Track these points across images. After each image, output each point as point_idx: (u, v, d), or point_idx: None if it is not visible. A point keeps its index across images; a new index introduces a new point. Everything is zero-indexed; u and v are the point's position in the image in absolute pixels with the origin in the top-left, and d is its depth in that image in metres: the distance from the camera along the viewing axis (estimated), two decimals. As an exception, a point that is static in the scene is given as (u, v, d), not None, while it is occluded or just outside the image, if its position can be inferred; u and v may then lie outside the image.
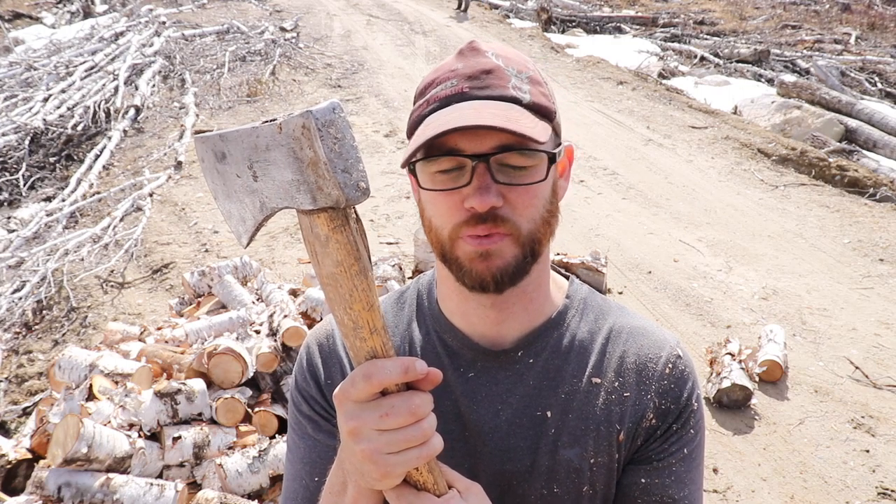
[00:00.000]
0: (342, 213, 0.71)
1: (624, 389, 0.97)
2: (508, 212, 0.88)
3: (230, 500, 2.55)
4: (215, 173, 0.77)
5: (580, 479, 0.95)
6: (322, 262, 0.73)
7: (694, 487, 0.99)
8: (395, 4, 18.10)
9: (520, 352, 0.98)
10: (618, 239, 5.80)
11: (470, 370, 0.99)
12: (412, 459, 0.76)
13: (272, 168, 0.70)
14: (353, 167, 0.68)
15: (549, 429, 0.96)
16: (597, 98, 10.19)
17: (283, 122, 0.68)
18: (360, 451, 0.76)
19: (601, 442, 0.96)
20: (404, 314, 1.07)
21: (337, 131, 0.67)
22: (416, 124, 0.93)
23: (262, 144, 0.70)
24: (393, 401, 0.75)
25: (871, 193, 6.87)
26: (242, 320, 3.36)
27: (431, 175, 0.91)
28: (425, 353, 1.01)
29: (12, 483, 2.80)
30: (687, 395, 0.99)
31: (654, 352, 1.00)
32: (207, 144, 0.76)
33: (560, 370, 0.98)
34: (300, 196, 0.70)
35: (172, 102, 9.81)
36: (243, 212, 0.76)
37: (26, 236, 6.04)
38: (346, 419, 0.77)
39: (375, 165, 7.51)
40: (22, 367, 4.35)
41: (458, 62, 0.93)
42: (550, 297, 1.02)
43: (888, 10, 18.47)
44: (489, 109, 0.86)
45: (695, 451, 0.99)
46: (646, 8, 19.51)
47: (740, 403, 3.79)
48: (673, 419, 0.97)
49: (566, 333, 1.00)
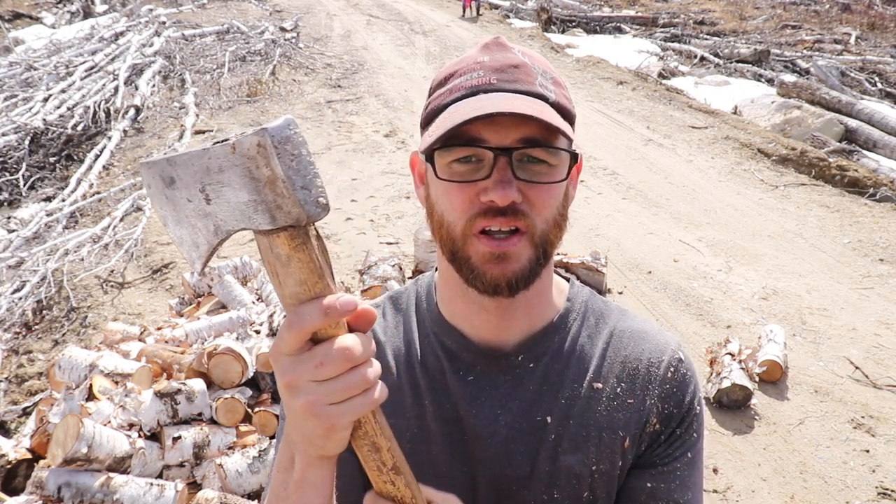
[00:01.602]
0: (303, 231, 0.69)
1: (627, 395, 0.96)
2: (527, 208, 0.86)
3: (230, 500, 2.55)
4: (164, 199, 0.74)
5: (581, 485, 0.94)
6: (284, 282, 0.71)
7: (696, 490, 0.99)
8: (395, 4, 18.11)
9: (520, 356, 0.97)
10: (618, 239, 5.80)
11: (469, 374, 0.97)
12: (356, 408, 0.71)
13: (226, 190, 0.68)
14: (311, 183, 0.67)
15: (549, 434, 0.95)
16: (597, 98, 10.19)
17: (235, 141, 0.66)
18: (300, 406, 0.71)
19: (603, 449, 0.94)
20: (402, 316, 1.05)
21: (293, 147, 0.66)
22: (436, 112, 0.91)
23: (214, 166, 0.68)
24: (325, 348, 0.70)
25: (871, 193, 6.87)
26: (242, 320, 3.36)
27: (447, 165, 0.88)
28: (425, 357, 1.00)
29: (12, 483, 2.80)
30: (689, 398, 0.98)
31: (655, 356, 0.99)
32: (154, 170, 0.73)
33: (561, 375, 0.97)
34: (258, 216, 0.68)
35: (172, 102, 9.81)
36: (196, 237, 0.73)
37: (26, 236, 6.04)
38: (281, 375, 0.72)
39: (376, 165, 7.51)
40: (22, 367, 4.35)
41: (484, 55, 0.92)
42: (552, 300, 1.01)
43: (888, 10, 18.48)
44: (521, 101, 0.85)
45: (697, 455, 0.99)
46: (646, 8, 19.51)
47: (740, 403, 3.79)
48: (676, 424, 0.97)
49: (567, 338, 0.99)
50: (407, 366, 1.00)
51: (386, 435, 0.78)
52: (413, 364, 1.00)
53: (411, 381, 0.99)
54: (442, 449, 0.96)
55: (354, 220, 6.16)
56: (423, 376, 0.98)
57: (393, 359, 1.01)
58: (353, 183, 7.05)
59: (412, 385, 0.99)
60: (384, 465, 0.78)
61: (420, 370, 0.99)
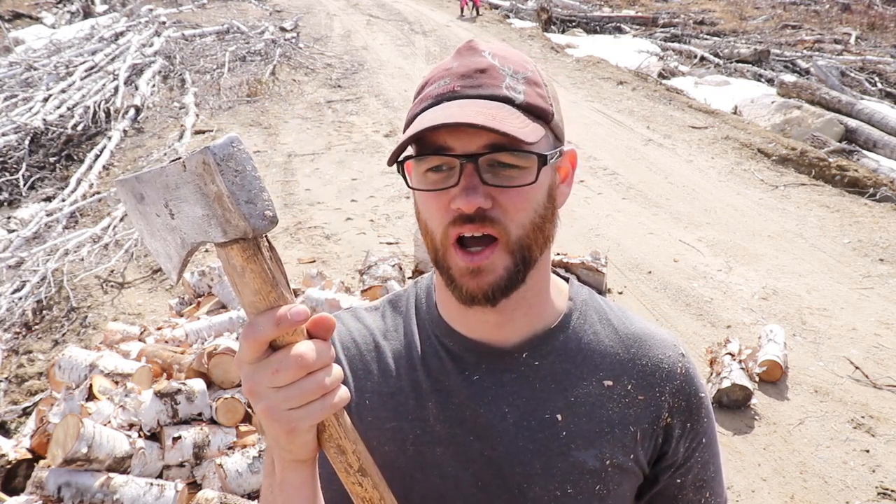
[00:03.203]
0: (253, 244, 0.73)
1: (638, 392, 0.98)
2: (499, 214, 0.86)
3: (230, 500, 2.55)
4: (138, 214, 0.78)
5: (594, 479, 0.95)
6: (242, 292, 0.74)
7: (717, 462, 1.07)
8: (395, 4, 18.12)
9: (524, 353, 0.97)
10: (618, 239, 5.80)
11: (475, 373, 0.97)
12: (315, 412, 0.75)
13: (184, 205, 0.72)
14: (256, 197, 0.70)
15: (559, 431, 0.95)
16: (597, 98, 10.19)
17: (185, 160, 0.70)
18: (261, 412, 0.75)
19: (616, 444, 0.96)
20: (402, 318, 1.05)
21: (237, 164, 0.69)
22: (409, 122, 0.92)
23: (171, 183, 0.72)
24: (281, 355, 0.73)
25: (871, 193, 6.87)
26: (242, 320, 3.36)
27: (422, 175, 0.90)
28: (427, 358, 0.99)
29: (12, 483, 2.80)
30: (696, 390, 1.02)
31: (663, 353, 1.01)
32: (127, 187, 0.77)
33: (568, 373, 0.97)
34: (212, 230, 0.72)
35: (172, 102, 9.81)
36: (168, 249, 0.78)
37: (26, 236, 6.04)
38: (244, 382, 0.76)
39: (376, 165, 7.51)
40: (22, 367, 4.35)
41: (455, 61, 0.92)
42: (552, 301, 1.01)
43: (888, 10, 18.48)
44: (475, 108, 0.85)
45: (711, 434, 1.04)
46: (646, 8, 19.51)
47: (740, 403, 3.79)
48: (687, 416, 1.01)
49: (572, 337, 0.99)
50: (408, 368, 0.99)
51: (351, 438, 0.81)
52: (415, 366, 0.99)
53: (413, 383, 0.98)
54: (447, 450, 0.95)
55: (354, 220, 6.16)
56: (425, 378, 0.98)
57: (393, 361, 1.00)
58: (353, 183, 7.06)
59: (414, 387, 0.98)
60: (350, 466, 0.81)
61: (422, 372, 0.98)
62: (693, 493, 1.04)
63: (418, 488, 0.95)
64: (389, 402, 0.98)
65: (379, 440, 0.96)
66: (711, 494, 1.06)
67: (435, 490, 0.95)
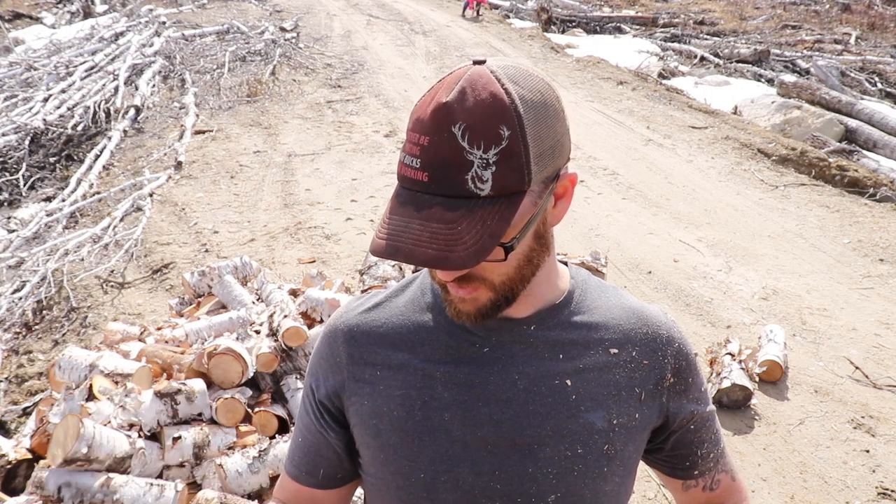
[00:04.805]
0: None
1: (642, 358, 1.05)
2: (478, 273, 0.91)
3: (230, 500, 2.54)
4: None
5: (603, 439, 1.01)
6: None
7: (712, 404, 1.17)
8: (395, 4, 18.11)
9: (532, 326, 1.01)
10: (618, 239, 5.80)
11: (485, 345, 1.01)
12: None
13: None
14: None
15: (569, 395, 1.00)
16: (597, 98, 10.19)
17: None
18: None
19: (622, 405, 1.02)
20: (411, 301, 1.08)
21: None
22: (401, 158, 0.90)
23: None
24: None
25: (871, 193, 6.87)
26: (242, 320, 3.36)
27: None
28: (437, 335, 1.02)
29: (12, 483, 2.80)
30: (689, 350, 1.11)
31: (659, 321, 1.09)
32: None
33: (575, 343, 1.02)
34: None
35: (172, 102, 9.81)
36: None
37: (26, 236, 6.04)
38: None
39: (376, 165, 7.51)
40: (22, 367, 4.35)
41: (431, 122, 0.84)
42: (556, 283, 1.05)
43: (888, 10, 18.47)
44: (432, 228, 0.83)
45: (704, 383, 1.15)
46: (646, 8, 19.50)
47: (740, 403, 3.79)
48: (687, 373, 1.09)
49: (575, 310, 1.05)
50: (416, 342, 1.03)
51: None
52: (423, 340, 1.03)
53: (424, 356, 1.02)
54: (455, 414, 0.99)
55: (354, 220, 6.16)
56: (434, 351, 1.02)
57: (401, 336, 1.04)
58: (353, 183, 7.05)
59: (424, 358, 1.02)
60: None
61: (431, 346, 1.02)
62: (704, 432, 1.14)
63: (427, 451, 0.99)
64: (398, 373, 1.03)
65: (388, 406, 1.01)
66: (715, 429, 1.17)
67: (444, 453, 0.99)
